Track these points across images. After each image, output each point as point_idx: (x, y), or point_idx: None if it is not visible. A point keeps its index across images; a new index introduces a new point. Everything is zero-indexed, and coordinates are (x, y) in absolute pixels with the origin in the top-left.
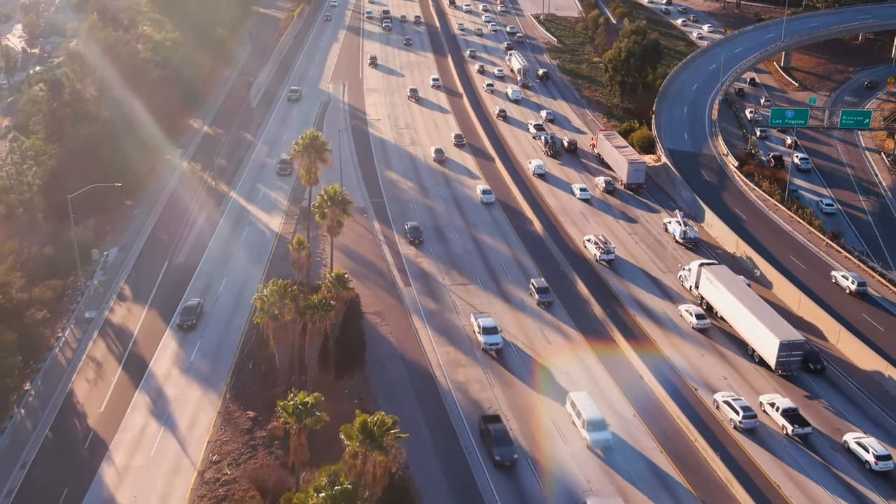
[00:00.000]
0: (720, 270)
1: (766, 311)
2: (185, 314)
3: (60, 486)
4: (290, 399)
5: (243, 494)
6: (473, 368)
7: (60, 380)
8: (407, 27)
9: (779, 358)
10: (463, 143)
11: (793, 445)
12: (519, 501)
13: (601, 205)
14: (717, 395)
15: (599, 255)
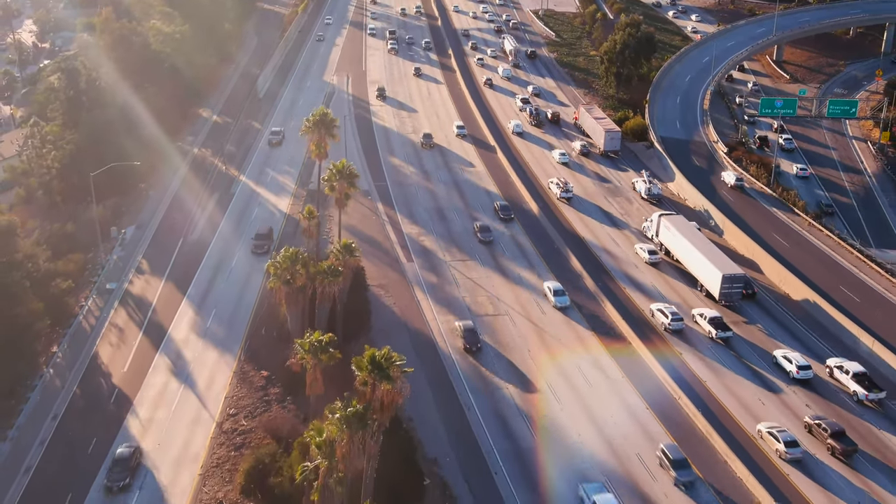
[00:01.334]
0: (676, 219)
1: (713, 251)
2: None
3: (90, 435)
4: (307, 338)
5: (259, 442)
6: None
7: (85, 343)
8: (409, 23)
9: (722, 289)
10: (465, 134)
11: (716, 346)
12: (512, 448)
13: (577, 166)
14: (653, 305)
15: (560, 193)
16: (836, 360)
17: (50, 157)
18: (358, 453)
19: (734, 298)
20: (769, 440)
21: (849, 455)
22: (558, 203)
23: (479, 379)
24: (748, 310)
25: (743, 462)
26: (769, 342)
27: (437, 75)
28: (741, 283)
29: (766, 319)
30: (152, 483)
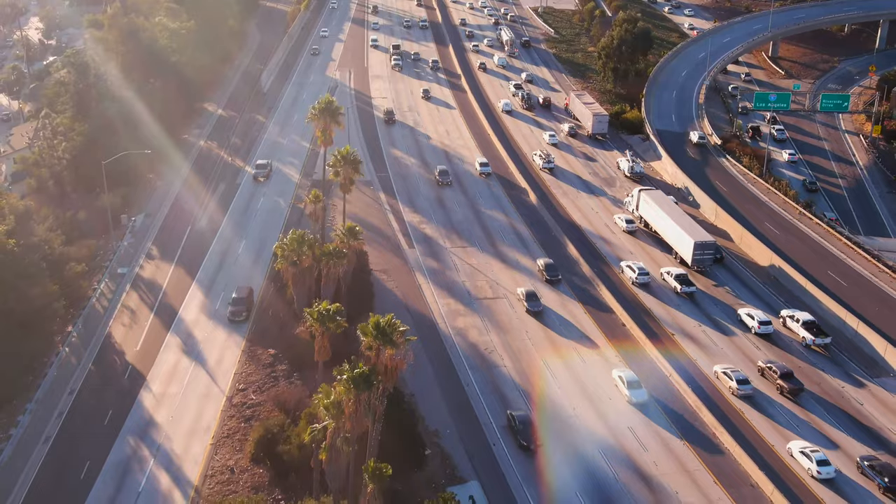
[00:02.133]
0: (654, 193)
1: (687, 221)
2: None
3: (105, 408)
4: (315, 307)
5: (268, 414)
6: (472, 317)
7: (99, 324)
8: (410, 22)
9: (694, 256)
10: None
11: (681, 299)
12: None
13: (565, 146)
14: (622, 262)
15: (542, 164)
16: (789, 310)
17: (61, 148)
18: (364, 413)
19: (706, 264)
20: (724, 379)
21: (795, 393)
22: (541, 173)
23: (477, 357)
24: (718, 274)
25: (698, 396)
26: (736, 302)
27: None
28: (712, 250)
29: (735, 282)
30: (165, 454)
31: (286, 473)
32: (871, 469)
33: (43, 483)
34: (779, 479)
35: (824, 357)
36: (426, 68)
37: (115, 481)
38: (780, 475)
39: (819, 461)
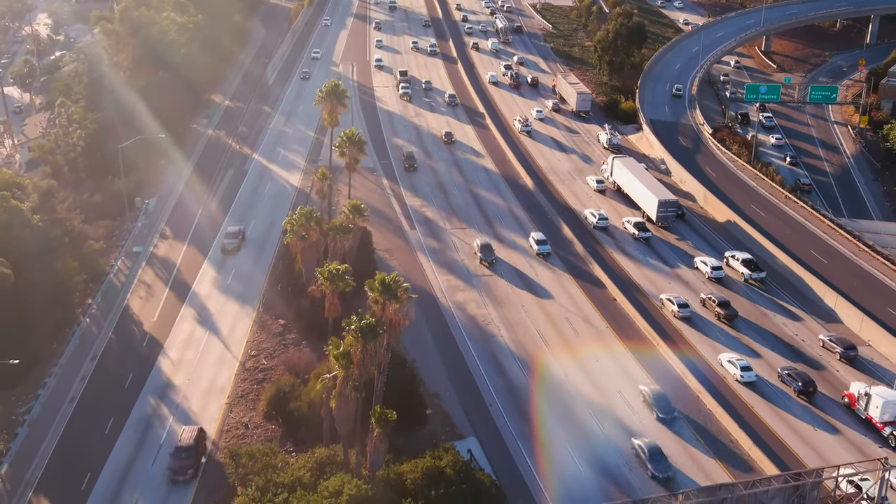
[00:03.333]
0: (627, 160)
1: (653, 182)
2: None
3: (125, 372)
4: (326, 266)
5: (279, 377)
6: (470, 292)
7: (117, 297)
8: (411, 17)
9: (658, 213)
10: (456, 103)
11: (638, 244)
12: (506, 385)
13: (550, 121)
14: (585, 210)
15: (521, 127)
16: (731, 252)
17: (76, 136)
18: (370, 361)
19: (669, 220)
20: (667, 305)
21: (731, 319)
22: (520, 135)
23: (475, 328)
24: (681, 229)
25: (645, 319)
26: (695, 253)
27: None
28: (674, 208)
29: (695, 236)
30: (184, 412)
31: (297, 428)
32: (788, 377)
33: (71, 436)
34: (709, 383)
35: (759, 290)
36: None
37: (137, 435)
38: (710, 380)
39: (742, 367)
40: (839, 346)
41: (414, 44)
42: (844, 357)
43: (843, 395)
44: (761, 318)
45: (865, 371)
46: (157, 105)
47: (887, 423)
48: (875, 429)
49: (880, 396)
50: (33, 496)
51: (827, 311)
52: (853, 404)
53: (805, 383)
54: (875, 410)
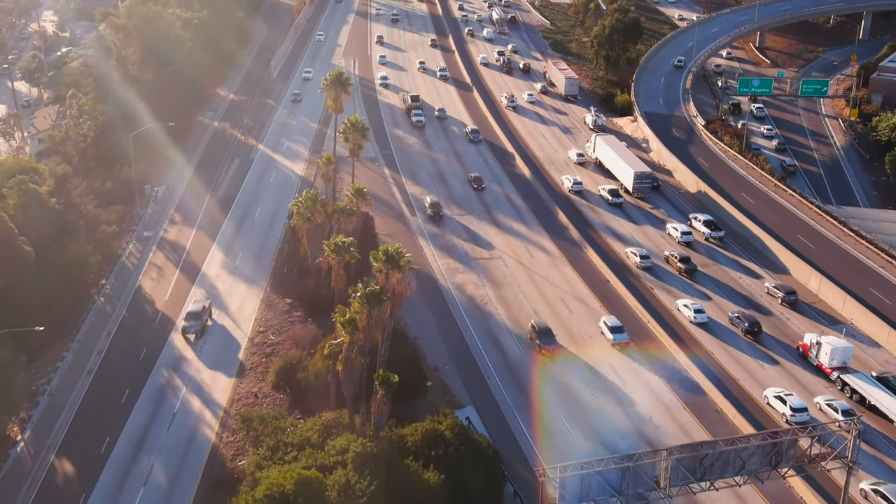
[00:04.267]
0: (608, 137)
1: (630, 157)
2: None
3: (140, 347)
4: (332, 239)
5: (286, 351)
6: (469, 274)
7: (129, 278)
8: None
9: (634, 184)
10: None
11: (611, 207)
12: (502, 360)
13: (539, 103)
14: (562, 176)
15: (507, 102)
16: (694, 213)
17: (86, 127)
18: (375, 327)
19: (644, 191)
20: (631, 257)
21: (690, 273)
22: (506, 111)
23: (474, 308)
24: (655, 199)
25: (611, 269)
26: (666, 219)
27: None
28: (649, 180)
29: (668, 206)
30: (196, 383)
31: (304, 397)
32: (737, 319)
33: (89, 405)
34: (667, 324)
35: (718, 247)
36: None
37: (152, 404)
38: (668, 322)
39: (696, 310)
40: (781, 291)
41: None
42: (786, 301)
43: (797, 345)
44: (718, 272)
45: (804, 314)
46: (164, 98)
47: (835, 368)
48: (824, 374)
49: (829, 344)
50: (55, 458)
51: (778, 266)
52: (806, 353)
53: (751, 324)
54: (825, 357)
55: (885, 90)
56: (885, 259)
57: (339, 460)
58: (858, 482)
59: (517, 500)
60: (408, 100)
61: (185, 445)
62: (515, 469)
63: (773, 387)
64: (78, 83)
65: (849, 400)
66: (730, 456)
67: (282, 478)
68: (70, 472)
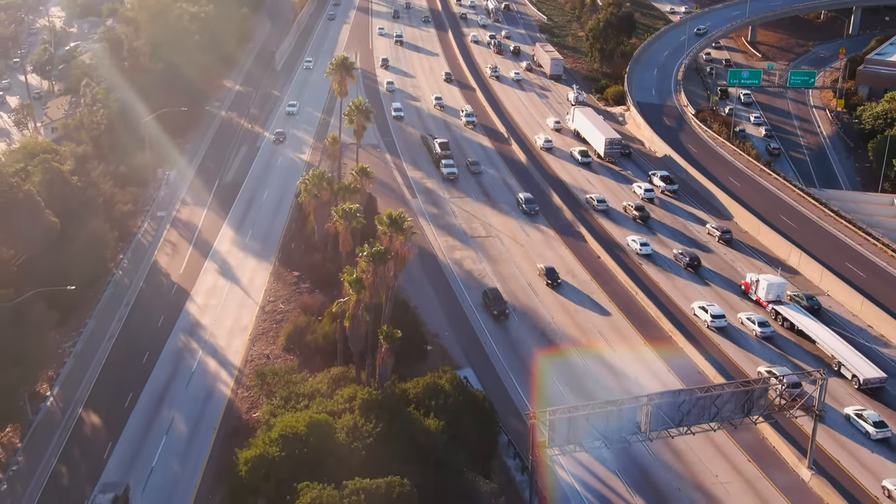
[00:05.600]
0: (585, 109)
1: (603, 125)
2: None
3: (157, 315)
4: (340, 206)
5: (296, 317)
6: (467, 251)
7: (146, 254)
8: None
9: (605, 149)
10: (451, 79)
11: (580, 166)
12: (498, 326)
13: (527, 82)
14: (535, 136)
15: (490, 73)
16: (653, 171)
17: (99, 114)
18: (380, 284)
19: (614, 155)
20: (591, 201)
21: (644, 219)
22: (490, 80)
23: (472, 281)
24: (625, 164)
25: (570, 210)
26: (633, 180)
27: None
28: (619, 146)
29: (635, 168)
30: (211, 346)
31: (312, 358)
32: (680, 255)
33: (112, 366)
34: (616, 254)
35: (672, 199)
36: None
37: (171, 365)
38: (618, 253)
39: (641, 244)
40: (718, 231)
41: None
42: (722, 239)
43: (741, 284)
44: (669, 219)
45: (739, 250)
46: (173, 88)
47: (770, 301)
48: (762, 306)
49: (766, 280)
50: (83, 411)
51: (722, 212)
52: (748, 290)
53: (692, 259)
54: (762, 292)
55: (871, 82)
56: (862, 237)
57: (347, 407)
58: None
59: (511, 448)
60: (435, 147)
61: (203, 400)
62: (509, 421)
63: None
64: (91, 73)
65: (781, 326)
66: (706, 403)
67: (295, 421)
68: (97, 423)
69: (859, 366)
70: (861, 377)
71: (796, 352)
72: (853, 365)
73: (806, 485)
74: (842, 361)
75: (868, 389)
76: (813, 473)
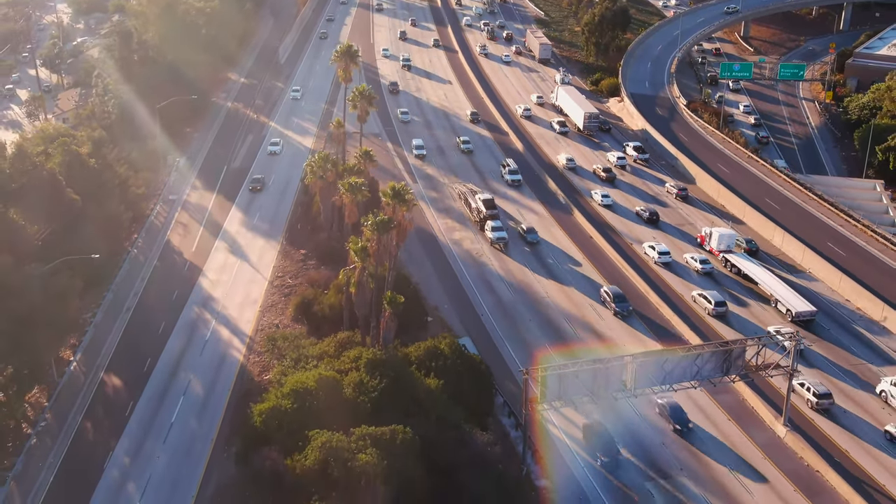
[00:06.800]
0: (568, 87)
1: (584, 101)
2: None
3: (171, 289)
4: (347, 180)
5: (303, 290)
6: (465, 232)
7: (159, 233)
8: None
9: (584, 122)
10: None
11: (557, 135)
12: (494, 300)
13: (516, 63)
14: (515, 105)
15: (479, 50)
16: (627, 141)
17: (110, 104)
18: (384, 252)
19: (593, 129)
20: (559, 160)
21: (611, 180)
22: (479, 56)
23: (469, 259)
24: (603, 137)
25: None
26: (608, 150)
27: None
28: (597, 121)
29: (613, 141)
30: (224, 317)
31: (319, 327)
32: (641, 210)
33: (130, 334)
34: (582, 207)
35: (643, 166)
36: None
37: (186, 334)
38: (584, 206)
39: (602, 195)
40: (675, 189)
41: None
42: (679, 196)
43: (697, 237)
44: (636, 181)
45: (694, 205)
46: (181, 80)
47: (721, 251)
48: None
49: (717, 232)
50: (104, 375)
51: (688, 178)
52: (703, 242)
53: (651, 213)
54: (714, 242)
55: (859, 74)
56: (844, 219)
57: (353, 366)
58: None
59: (506, 408)
60: (479, 205)
61: (217, 365)
62: (505, 385)
63: (650, 242)
64: (102, 64)
65: (730, 272)
66: (688, 362)
67: (305, 378)
68: (118, 385)
69: (792, 301)
70: (794, 310)
71: (731, 283)
72: (787, 300)
73: (782, 440)
74: (778, 298)
75: (800, 321)
76: (788, 430)
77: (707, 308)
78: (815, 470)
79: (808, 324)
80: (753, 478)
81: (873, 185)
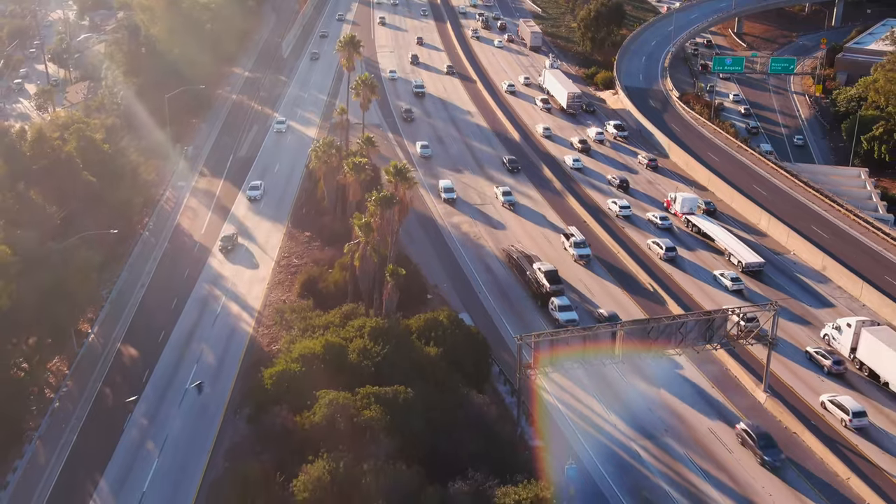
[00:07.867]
0: (555, 71)
1: (568, 83)
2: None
3: (183, 268)
4: (351, 160)
5: (309, 269)
6: (463, 216)
7: (168, 217)
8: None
9: (567, 102)
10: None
11: (540, 112)
12: (491, 279)
13: (508, 49)
14: (501, 82)
15: (472, 33)
16: (608, 120)
17: (119, 96)
18: (387, 227)
19: (576, 109)
20: (536, 130)
21: (586, 151)
22: (471, 40)
23: (467, 241)
24: (585, 116)
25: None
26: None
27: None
28: (581, 101)
29: (596, 121)
30: (234, 293)
31: (324, 303)
32: (613, 179)
33: (145, 309)
34: (571, 187)
35: (622, 143)
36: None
37: (197, 309)
38: (559, 170)
39: (573, 160)
40: (646, 159)
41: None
42: (650, 166)
43: (664, 202)
44: (612, 153)
45: (663, 174)
46: (187, 72)
47: (684, 213)
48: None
49: (681, 196)
50: (121, 345)
51: (659, 148)
52: (668, 206)
53: (622, 181)
54: (678, 206)
55: (849, 69)
56: (828, 204)
57: (358, 334)
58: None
59: (501, 376)
60: (540, 277)
61: (228, 336)
62: (501, 356)
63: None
64: (111, 57)
65: (691, 231)
66: (672, 330)
67: (312, 344)
68: (134, 355)
69: (743, 254)
70: (744, 262)
71: (691, 241)
72: (738, 253)
73: (762, 405)
74: (731, 252)
75: (750, 272)
76: (768, 395)
77: (659, 253)
78: (793, 432)
79: (758, 274)
80: None
81: (858, 172)
